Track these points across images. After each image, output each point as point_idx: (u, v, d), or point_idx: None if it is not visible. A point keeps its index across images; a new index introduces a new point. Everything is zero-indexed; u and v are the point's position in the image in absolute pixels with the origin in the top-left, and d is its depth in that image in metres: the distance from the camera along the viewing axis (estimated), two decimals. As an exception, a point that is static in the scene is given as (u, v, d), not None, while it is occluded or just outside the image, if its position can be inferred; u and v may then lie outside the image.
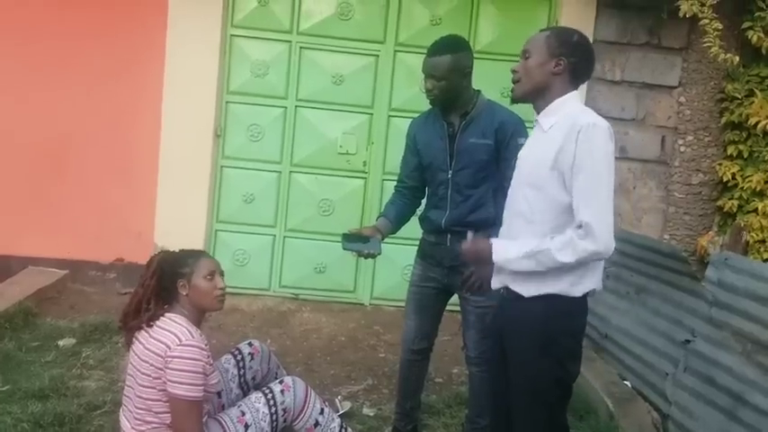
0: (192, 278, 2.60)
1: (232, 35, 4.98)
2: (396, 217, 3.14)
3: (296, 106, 5.06)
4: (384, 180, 5.10)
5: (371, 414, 3.58)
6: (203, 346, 2.51)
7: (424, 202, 3.21)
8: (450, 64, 2.82)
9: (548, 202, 2.14)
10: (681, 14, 4.63)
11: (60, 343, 3.97)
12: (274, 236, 5.15)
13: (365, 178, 5.15)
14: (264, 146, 5.08)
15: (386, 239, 3.05)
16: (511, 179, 2.58)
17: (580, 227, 2.04)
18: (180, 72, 4.87)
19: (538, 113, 2.27)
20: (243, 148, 5.08)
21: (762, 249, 4.72)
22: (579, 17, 5.03)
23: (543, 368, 2.18)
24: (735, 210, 4.95)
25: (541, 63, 2.22)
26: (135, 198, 4.99)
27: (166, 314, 2.57)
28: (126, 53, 4.91)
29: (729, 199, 4.99)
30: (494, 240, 2.26)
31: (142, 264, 4.74)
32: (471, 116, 2.90)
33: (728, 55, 4.67)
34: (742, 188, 4.92)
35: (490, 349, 2.53)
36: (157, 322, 2.54)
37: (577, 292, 2.16)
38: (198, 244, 4.99)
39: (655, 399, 3.59)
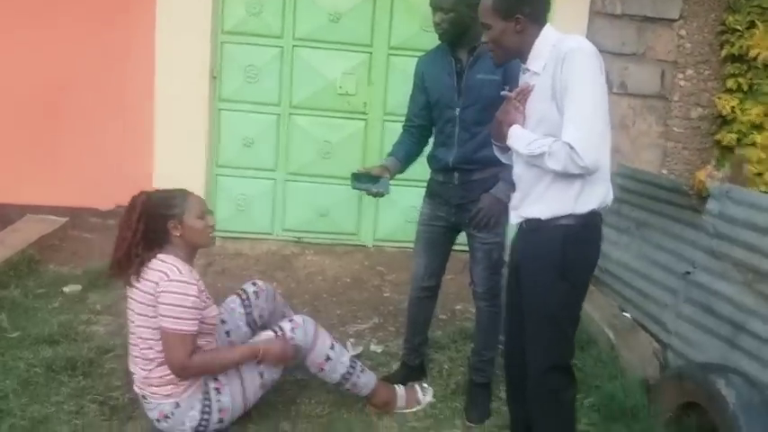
0: (183, 218, 2.63)
1: (225, -28, 4.86)
2: (404, 156, 3.14)
3: (293, 46, 4.96)
4: (385, 121, 5.05)
5: (379, 351, 3.66)
6: (192, 281, 2.57)
7: (431, 141, 3.19)
8: None
9: (552, 131, 2.17)
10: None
11: (66, 289, 4.00)
12: (275, 179, 5.11)
13: (365, 119, 5.09)
14: (262, 87, 4.99)
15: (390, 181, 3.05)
16: None
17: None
18: (172, 12, 4.75)
19: (525, 62, 2.30)
20: (240, 90, 4.99)
21: (759, 182, 4.75)
22: (579, -51, 4.94)
23: (561, 293, 2.26)
24: (734, 143, 4.95)
25: (502, 30, 2.25)
26: (132, 144, 4.93)
27: (158, 255, 2.60)
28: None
29: (728, 132, 4.99)
30: (515, 127, 2.27)
31: (142, 210, 4.78)
32: (479, 51, 2.85)
33: (731, -14, 4.62)
34: (741, 121, 4.92)
35: (507, 283, 2.56)
36: (149, 264, 2.58)
37: (582, 208, 2.21)
38: (198, 189, 4.87)
39: (655, 330, 3.66)
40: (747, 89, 4.96)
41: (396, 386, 3.14)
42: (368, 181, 2.95)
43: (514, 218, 2.41)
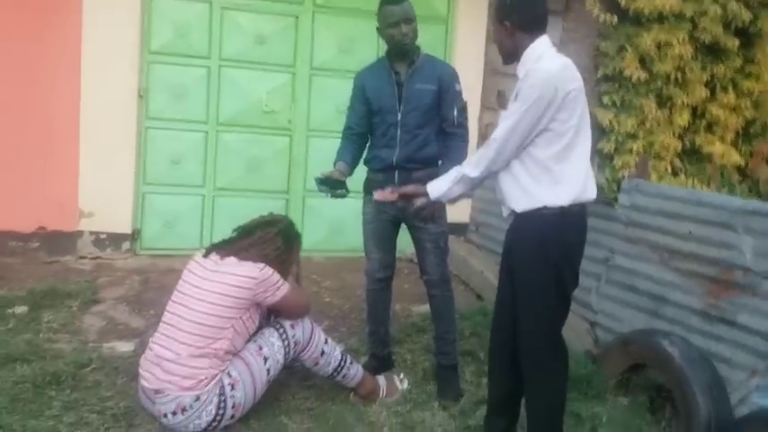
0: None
1: (151, -7, 4.90)
2: (352, 160, 3.42)
3: (219, 66, 5.09)
4: (309, 137, 5.30)
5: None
6: None
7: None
8: (412, 6, 3.22)
9: None
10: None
11: (15, 310, 3.88)
12: (203, 195, 5.17)
13: (290, 136, 5.30)
14: (189, 106, 5.06)
15: (312, 195, 3.38)
16: (451, 121, 3.27)
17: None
18: (99, 31, 4.73)
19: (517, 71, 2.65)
20: (167, 108, 5.03)
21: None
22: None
23: (540, 269, 2.57)
24: (613, 151, 5.70)
25: (497, 31, 2.66)
26: (56, 163, 4.80)
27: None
28: (41, 11, 4.67)
29: (608, 142, 5.73)
30: (428, 184, 2.75)
31: (66, 231, 4.73)
32: (416, 66, 3.29)
33: (607, 15, 5.37)
34: (618, 132, 5.67)
35: (499, 270, 2.89)
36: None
37: (559, 201, 2.54)
38: (126, 207, 4.96)
39: (581, 312, 4.18)
40: (620, 104, 5.74)
41: (377, 377, 3.40)
42: (330, 184, 3.21)
43: (504, 210, 2.76)
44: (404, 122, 3.27)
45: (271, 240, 2.98)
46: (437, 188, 2.75)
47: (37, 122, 4.76)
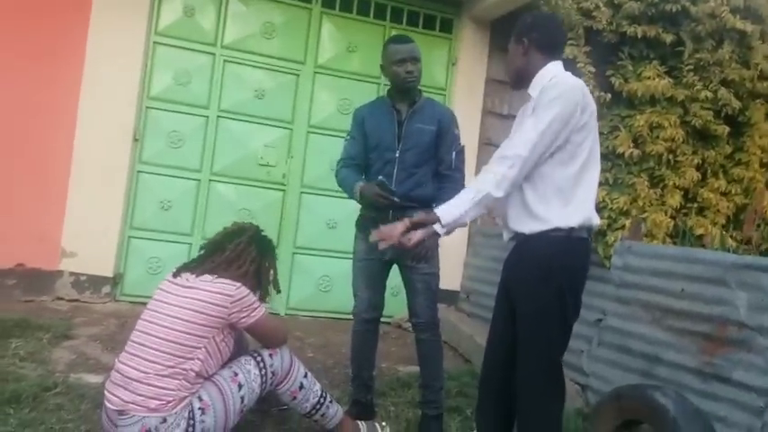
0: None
1: (155, 42, 5.00)
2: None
3: (218, 116, 5.14)
4: (302, 193, 5.29)
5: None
6: None
7: None
8: (418, 47, 3.28)
9: None
10: (563, 56, 5.38)
11: (-18, 337, 3.73)
12: (191, 244, 5.08)
13: (284, 190, 5.29)
14: (184, 153, 5.07)
15: (301, 252, 3.55)
16: (448, 164, 3.25)
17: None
18: (100, 73, 4.80)
19: (528, 89, 2.60)
20: (162, 154, 5.03)
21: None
22: (474, 57, 5.66)
23: (545, 296, 2.46)
24: (605, 227, 5.68)
25: (514, 51, 2.63)
26: (42, 199, 4.74)
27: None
28: (44, 48, 4.74)
29: (600, 218, 5.71)
30: (437, 210, 2.50)
31: (46, 270, 4.59)
32: (417, 106, 3.31)
33: (601, 93, 5.49)
34: (611, 209, 5.68)
35: (495, 301, 2.79)
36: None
37: (569, 222, 2.45)
38: (110, 250, 4.87)
39: (571, 375, 4.04)
40: (613, 182, 5.77)
41: (358, 422, 3.23)
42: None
43: (506, 234, 2.69)
44: (401, 160, 3.26)
45: (245, 250, 2.87)
46: (449, 212, 2.46)
47: (29, 158, 4.74)
